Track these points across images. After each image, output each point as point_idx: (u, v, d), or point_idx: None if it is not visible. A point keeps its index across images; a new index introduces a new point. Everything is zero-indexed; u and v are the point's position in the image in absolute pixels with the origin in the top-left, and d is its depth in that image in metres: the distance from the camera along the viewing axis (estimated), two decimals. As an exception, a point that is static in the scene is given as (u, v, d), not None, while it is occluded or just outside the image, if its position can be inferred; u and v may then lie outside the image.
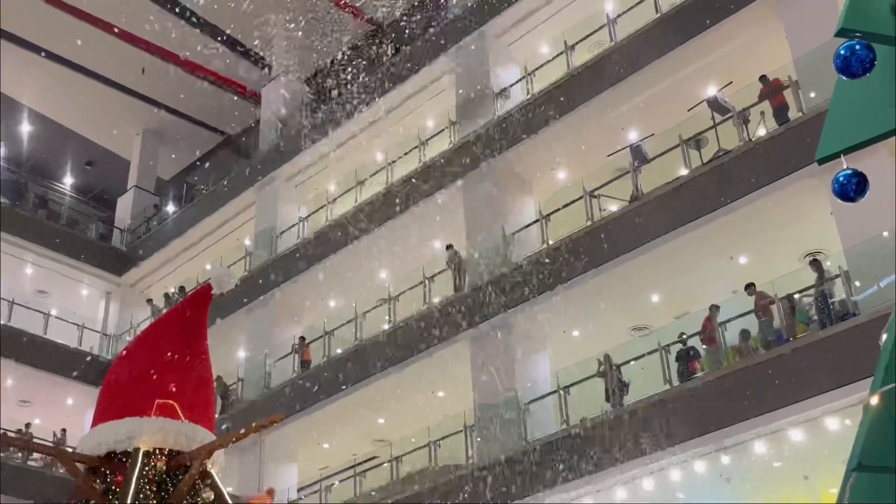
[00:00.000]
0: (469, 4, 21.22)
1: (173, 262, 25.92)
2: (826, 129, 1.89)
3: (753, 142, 15.53)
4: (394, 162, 22.15)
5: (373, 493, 20.25)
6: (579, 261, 16.82)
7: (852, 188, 1.82)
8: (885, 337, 1.99)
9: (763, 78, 15.79)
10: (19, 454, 19.70)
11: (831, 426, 13.40)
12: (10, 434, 11.97)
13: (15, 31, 25.77)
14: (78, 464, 11.19)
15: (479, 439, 17.64)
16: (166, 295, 23.59)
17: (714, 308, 15.84)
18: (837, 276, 14.47)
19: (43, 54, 26.48)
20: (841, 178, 1.84)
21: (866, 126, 1.89)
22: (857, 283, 13.74)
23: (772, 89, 15.64)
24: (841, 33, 1.93)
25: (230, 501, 11.00)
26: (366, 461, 21.48)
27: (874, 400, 1.40)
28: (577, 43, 19.43)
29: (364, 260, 21.16)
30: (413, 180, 20.49)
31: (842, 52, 1.77)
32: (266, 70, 27.07)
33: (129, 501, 10.51)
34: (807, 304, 14.93)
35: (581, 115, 17.89)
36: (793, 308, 14.99)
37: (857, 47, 1.78)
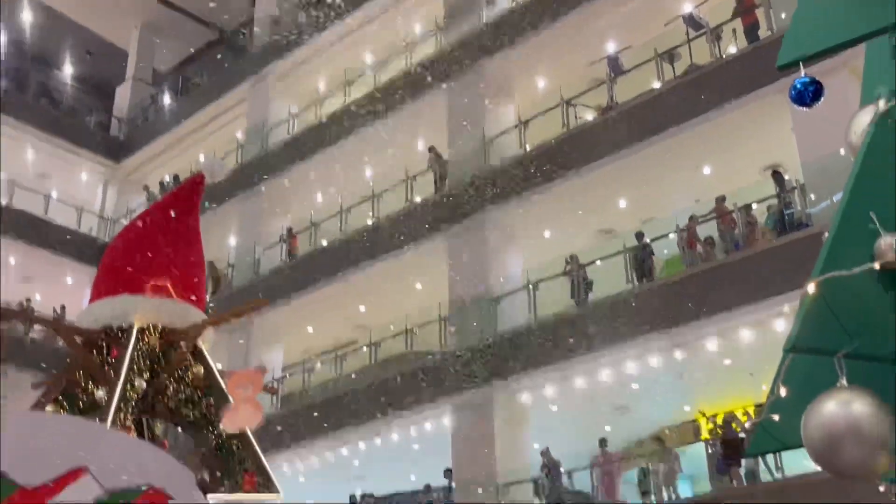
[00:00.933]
0: None
1: (168, 152, 25.73)
2: (787, 37, 1.89)
3: (724, 58, 15.57)
4: (381, 63, 21.86)
5: (352, 376, 20.60)
6: (554, 166, 16.85)
7: (809, 95, 1.84)
8: (826, 235, 2.00)
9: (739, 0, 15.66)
10: (21, 326, 19.79)
11: (778, 327, 13.66)
12: (12, 307, 12.02)
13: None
14: (76, 337, 11.31)
15: (452, 329, 17.91)
16: (161, 183, 23.56)
17: (701, 215, 16.15)
18: (794, 188, 14.61)
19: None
20: (798, 85, 1.86)
21: (826, 36, 1.89)
22: (813, 196, 13.86)
23: (744, 7, 15.55)
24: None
25: (219, 376, 11.19)
26: (347, 345, 21.73)
27: (811, 288, 1.43)
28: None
29: (350, 158, 21.31)
30: (399, 83, 20.30)
31: None
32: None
33: (123, 373, 10.67)
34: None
35: (563, 25, 17.74)
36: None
37: None
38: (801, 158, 14.01)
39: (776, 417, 1.80)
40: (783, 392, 1.68)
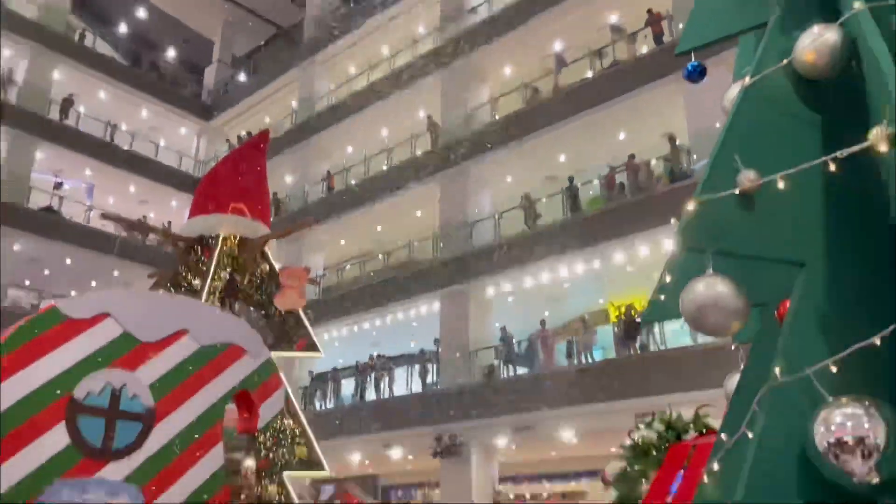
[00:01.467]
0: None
1: (243, 115, 25.54)
2: (685, 32, 1.86)
3: (637, 56, 15.44)
4: (395, 54, 21.58)
5: (371, 274, 20.80)
6: (515, 131, 16.83)
7: (696, 74, 1.81)
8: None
9: (649, 11, 15.50)
10: (140, 235, 19.80)
11: (667, 246, 13.77)
12: (130, 219, 12.11)
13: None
14: (179, 243, 11.30)
15: (441, 245, 18.04)
16: (238, 136, 23.19)
17: (617, 166, 16.26)
18: (683, 150, 14.83)
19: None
20: (689, 67, 1.83)
21: (713, 31, 1.86)
22: (695, 156, 14.01)
23: (654, 19, 15.41)
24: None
25: (277, 270, 11.22)
26: (367, 254, 21.90)
27: (690, 206, 1.42)
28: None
29: (372, 122, 21.21)
30: (406, 69, 20.18)
31: None
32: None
33: (212, 268, 10.69)
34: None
35: (524, 30, 17.53)
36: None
37: None
38: (688, 129, 14.04)
39: (663, 297, 1.81)
40: (668, 278, 1.70)
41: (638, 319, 14.15)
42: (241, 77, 27.20)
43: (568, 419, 14.37)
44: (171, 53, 29.70)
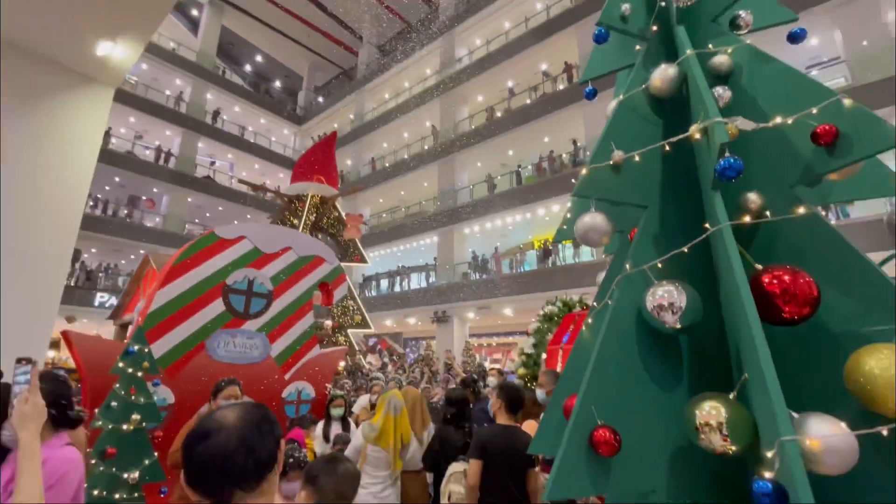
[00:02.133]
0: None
1: (321, 123, 24.59)
2: (586, 68, 1.78)
3: (558, 91, 14.88)
4: (412, 87, 20.83)
5: (396, 219, 20.64)
6: (482, 136, 16.44)
7: (591, 95, 1.75)
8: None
9: (566, 63, 14.87)
10: (262, 193, 19.58)
11: (569, 204, 13.70)
12: (257, 185, 11.88)
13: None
14: (285, 197, 11.09)
15: (438, 202, 17.81)
16: (319, 136, 22.57)
17: (543, 157, 15.79)
18: (581, 147, 14.44)
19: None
20: (587, 90, 1.76)
21: (604, 67, 1.78)
22: (588, 152, 13.68)
23: (568, 68, 14.81)
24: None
25: (343, 217, 11.07)
26: (394, 208, 21.67)
27: (583, 171, 1.40)
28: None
29: (397, 128, 20.59)
30: (419, 95, 19.44)
31: (596, 32, 1.64)
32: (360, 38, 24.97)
33: (304, 214, 10.51)
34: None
35: (488, 74, 16.92)
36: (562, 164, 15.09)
37: (602, 30, 1.65)
38: (586, 135, 13.68)
39: (565, 227, 1.79)
40: (568, 215, 1.70)
41: (550, 247, 14.23)
42: (319, 99, 26.26)
43: (508, 303, 14.65)
44: (277, 83, 28.60)
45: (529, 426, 2.60)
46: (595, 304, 1.53)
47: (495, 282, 14.91)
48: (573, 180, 1.49)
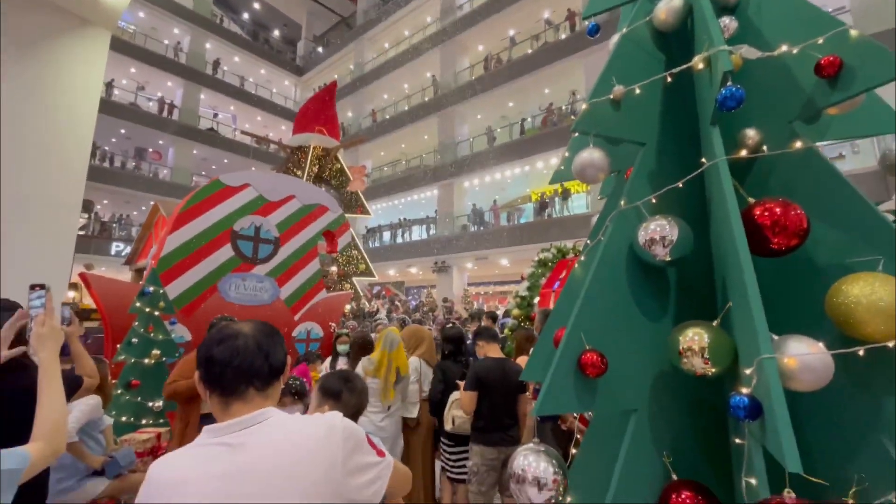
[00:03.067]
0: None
1: (321, 74, 23.54)
2: (589, 3, 1.65)
3: (560, 40, 14.10)
4: (412, 36, 19.75)
5: (398, 172, 20.26)
6: (483, 86, 15.76)
7: (594, 31, 1.64)
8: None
9: (569, 10, 14.07)
10: (264, 145, 19.15)
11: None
12: (259, 136, 11.60)
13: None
14: (288, 148, 10.84)
15: (438, 156, 17.43)
16: (319, 87, 21.62)
17: (543, 109, 15.29)
18: (580, 99, 13.94)
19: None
20: (590, 26, 1.65)
21: (608, 2, 1.66)
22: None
23: (570, 15, 14.03)
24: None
25: (347, 169, 10.87)
26: (396, 161, 21.25)
27: (583, 106, 1.33)
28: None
29: (398, 79, 19.78)
30: (421, 45, 18.45)
31: None
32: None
33: (307, 165, 10.31)
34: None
35: (490, 21, 15.92)
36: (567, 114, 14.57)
37: None
38: (585, 88, 13.15)
39: (562, 167, 1.74)
40: (566, 154, 1.64)
41: (547, 200, 14.09)
42: (319, 49, 24.96)
43: (505, 254, 14.74)
44: (276, 33, 27.08)
45: (523, 361, 2.71)
46: (588, 241, 1.52)
47: (493, 234, 14.91)
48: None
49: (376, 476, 0.81)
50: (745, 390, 0.85)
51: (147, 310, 3.14)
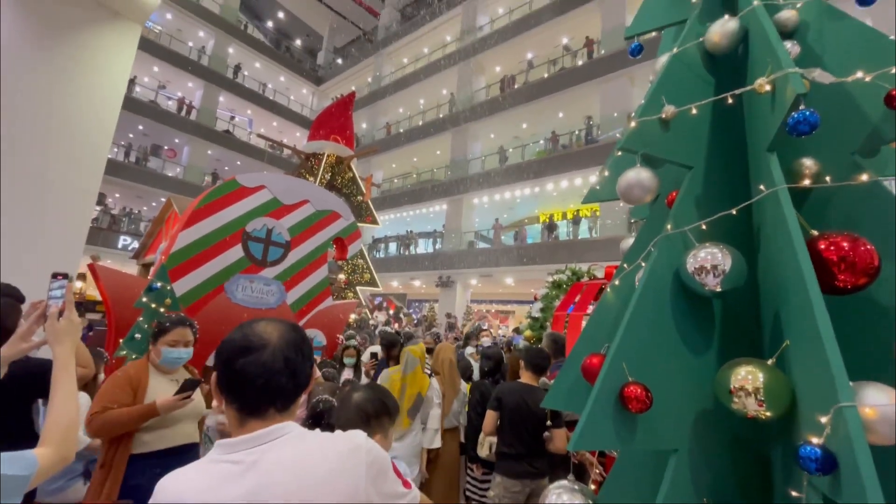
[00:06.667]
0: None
1: (340, 84, 23.85)
2: (634, 22, 1.62)
3: (577, 66, 14.24)
4: (431, 53, 20.05)
5: (408, 186, 20.35)
6: (498, 106, 15.91)
7: (637, 51, 1.60)
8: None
9: (587, 38, 14.18)
10: (279, 150, 19.32)
11: (577, 182, 13.40)
12: (275, 140, 11.66)
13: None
14: (302, 154, 10.90)
15: (449, 171, 17.49)
16: (336, 96, 21.89)
17: (553, 133, 15.29)
18: (594, 125, 13.99)
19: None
20: (633, 45, 1.61)
21: (652, 22, 1.63)
22: (599, 130, 13.29)
23: (588, 42, 14.14)
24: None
25: (359, 179, 10.90)
26: (407, 174, 21.35)
27: (631, 123, 1.28)
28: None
29: (414, 94, 20.00)
30: (438, 62, 18.76)
31: None
32: None
33: (320, 172, 10.35)
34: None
35: (510, 42, 16.12)
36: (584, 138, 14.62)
37: None
38: (600, 113, 13.22)
39: (598, 186, 1.69)
40: (605, 173, 1.59)
41: (556, 222, 14.04)
42: (339, 60, 25.42)
43: (510, 273, 14.65)
44: (298, 42, 27.64)
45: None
46: (625, 265, 1.44)
47: (496, 252, 14.85)
48: (592, 174, 1.35)
49: None
50: (815, 440, 0.77)
51: (153, 305, 3.07)
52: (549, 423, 2.26)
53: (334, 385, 2.22)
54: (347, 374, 3.31)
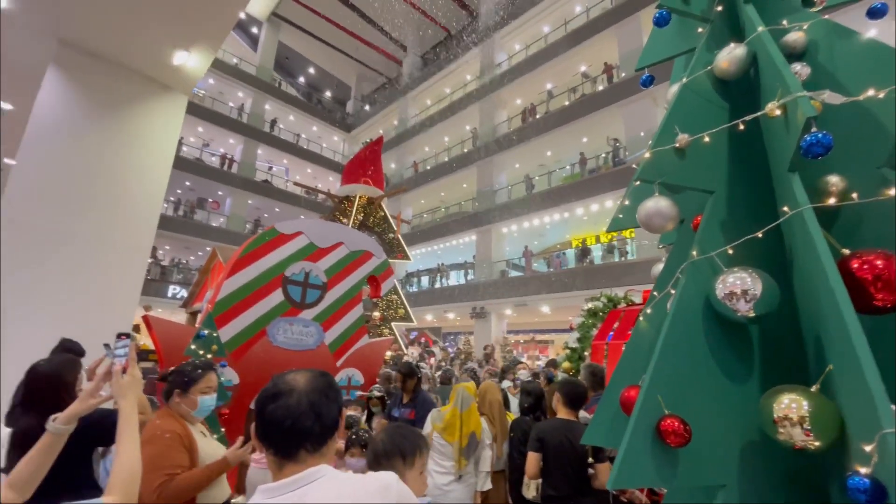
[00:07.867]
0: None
1: (368, 129, 24.90)
2: (643, 53, 1.67)
3: (598, 91, 14.32)
4: (453, 93, 20.75)
5: (437, 219, 20.62)
6: (519, 138, 16.11)
7: (648, 82, 1.64)
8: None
9: (605, 63, 14.34)
10: (314, 195, 20.12)
11: (608, 205, 13.20)
12: (310, 187, 12.26)
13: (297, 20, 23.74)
14: (336, 198, 11.34)
15: (476, 203, 17.68)
16: (365, 141, 23.06)
17: (581, 155, 15.35)
18: (620, 146, 13.88)
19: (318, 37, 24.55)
20: (644, 77, 1.66)
21: (662, 53, 1.67)
22: (626, 151, 13.16)
23: (607, 69, 14.25)
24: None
25: (390, 217, 11.20)
26: (435, 209, 21.67)
27: (647, 155, 1.31)
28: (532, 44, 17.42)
29: (439, 133, 20.55)
30: (460, 101, 19.35)
31: (656, 15, 1.55)
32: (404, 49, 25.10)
33: (353, 214, 10.71)
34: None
35: (528, 77, 16.51)
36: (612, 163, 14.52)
37: (663, 13, 1.55)
38: (625, 135, 13.14)
39: (621, 215, 1.70)
40: (626, 202, 1.60)
41: (590, 246, 13.81)
42: (366, 107, 26.74)
43: (546, 300, 14.36)
44: (328, 93, 29.41)
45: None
46: (655, 293, 1.43)
47: (534, 280, 14.66)
48: (619, 193, 1.38)
49: None
50: (863, 470, 0.74)
51: (201, 352, 3.24)
52: (590, 459, 2.17)
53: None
54: (375, 423, 3.32)
